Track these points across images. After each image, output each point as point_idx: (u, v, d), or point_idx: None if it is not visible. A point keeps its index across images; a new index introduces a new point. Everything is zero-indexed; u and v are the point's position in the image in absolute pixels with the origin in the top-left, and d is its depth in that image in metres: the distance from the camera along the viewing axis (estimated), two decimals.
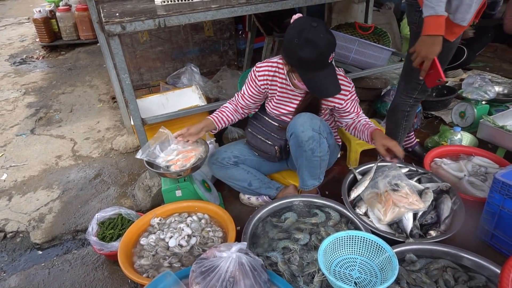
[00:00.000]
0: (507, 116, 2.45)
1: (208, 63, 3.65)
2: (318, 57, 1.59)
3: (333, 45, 1.62)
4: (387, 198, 1.74)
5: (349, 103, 1.89)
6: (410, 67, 1.88)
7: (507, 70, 3.79)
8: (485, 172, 2.09)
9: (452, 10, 1.61)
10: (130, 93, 2.03)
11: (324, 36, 1.56)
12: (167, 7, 2.10)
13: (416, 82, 1.91)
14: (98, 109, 3.63)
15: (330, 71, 1.66)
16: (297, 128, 1.77)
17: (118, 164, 2.70)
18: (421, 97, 1.99)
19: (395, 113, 2.06)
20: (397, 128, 2.08)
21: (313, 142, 1.76)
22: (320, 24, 1.58)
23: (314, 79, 1.67)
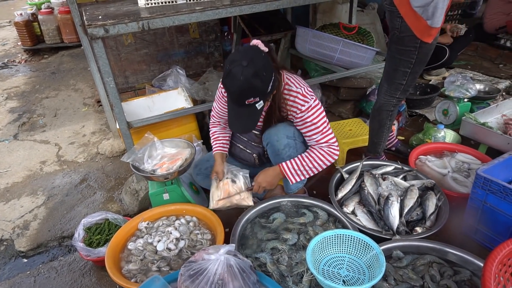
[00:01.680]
0: (488, 113, 2.51)
1: (194, 65, 3.63)
2: (233, 93, 1.55)
3: (254, 91, 1.51)
4: (224, 187, 1.83)
5: (303, 125, 1.74)
6: (392, 69, 1.94)
7: (488, 68, 3.88)
8: (468, 168, 2.14)
9: (429, 16, 1.69)
10: (115, 96, 2.01)
11: (244, 80, 1.47)
12: (151, 9, 2.09)
13: (398, 83, 1.95)
14: (83, 113, 3.58)
15: (244, 111, 1.59)
16: (271, 138, 1.79)
17: (104, 168, 2.67)
18: (403, 96, 2.03)
19: (380, 113, 2.09)
20: (382, 128, 2.12)
21: (289, 149, 1.78)
22: (251, 65, 1.47)
23: (229, 107, 1.65)
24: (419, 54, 1.83)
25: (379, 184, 1.93)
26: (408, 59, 1.85)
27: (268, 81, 1.55)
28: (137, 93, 3.50)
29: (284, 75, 1.72)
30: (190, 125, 2.52)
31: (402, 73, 1.91)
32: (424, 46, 1.80)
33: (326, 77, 2.67)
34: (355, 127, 2.52)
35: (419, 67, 1.90)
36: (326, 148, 1.74)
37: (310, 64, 3.10)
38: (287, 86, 1.69)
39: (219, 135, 2.01)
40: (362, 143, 2.36)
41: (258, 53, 1.54)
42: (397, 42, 1.84)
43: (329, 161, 1.77)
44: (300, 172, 1.78)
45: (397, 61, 1.90)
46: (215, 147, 1.99)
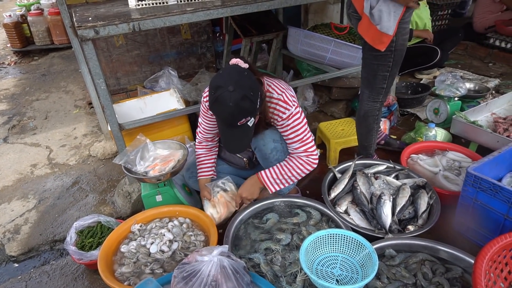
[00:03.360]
0: (478, 111, 2.54)
1: (186, 66, 3.62)
2: (224, 119, 1.56)
3: (244, 113, 1.52)
4: (221, 201, 1.87)
5: (284, 132, 1.74)
6: (371, 76, 1.96)
7: (478, 66, 3.92)
8: (459, 166, 2.16)
9: (376, 21, 1.71)
10: (106, 98, 2.00)
11: (234, 105, 1.47)
12: (142, 10, 2.08)
13: (379, 88, 1.97)
14: (74, 115, 3.55)
15: (237, 132, 1.60)
16: (258, 142, 1.80)
17: (97, 171, 2.65)
18: (385, 99, 2.06)
19: (366, 119, 2.10)
20: (370, 132, 2.13)
21: (277, 153, 1.79)
22: (238, 89, 1.47)
23: (221, 130, 1.66)
24: (395, 57, 1.85)
25: (371, 183, 1.94)
26: (385, 63, 1.87)
27: (256, 98, 1.55)
28: (129, 95, 3.48)
29: (265, 82, 1.71)
30: (183, 126, 2.52)
31: (382, 77, 1.93)
32: (398, 48, 1.82)
33: (318, 77, 2.68)
34: (347, 126, 2.53)
35: (396, 69, 1.94)
36: (305, 158, 1.74)
37: (302, 64, 3.11)
38: (268, 93, 1.69)
39: (204, 158, 1.99)
40: (354, 142, 2.37)
41: (241, 73, 1.54)
42: (371, 48, 1.84)
43: (307, 169, 1.77)
44: (279, 181, 1.79)
45: (375, 66, 1.92)
46: (199, 173, 1.99)
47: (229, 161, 2.13)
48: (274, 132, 1.81)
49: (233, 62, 1.60)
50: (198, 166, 2.01)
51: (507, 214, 1.63)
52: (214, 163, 2.04)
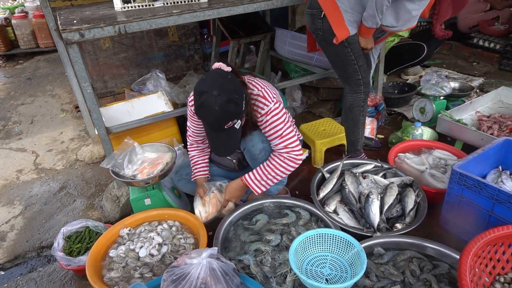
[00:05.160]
0: (463, 110, 2.59)
1: (174, 68, 3.61)
2: (211, 123, 1.57)
3: (230, 115, 1.53)
4: (212, 201, 1.87)
5: (264, 128, 1.74)
6: (342, 71, 2.07)
7: (462, 66, 3.99)
8: (445, 164, 2.20)
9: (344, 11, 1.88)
10: (92, 102, 1.98)
11: (219, 109, 1.48)
12: (128, 13, 2.06)
13: (356, 79, 2.04)
14: (61, 119, 3.51)
15: (224, 135, 1.61)
16: (247, 143, 1.81)
17: (84, 175, 2.62)
18: (368, 89, 2.10)
19: (352, 111, 2.13)
20: (357, 124, 2.17)
21: (266, 153, 1.80)
22: (223, 93, 1.48)
23: (209, 135, 1.67)
24: (353, 50, 1.96)
25: (359, 182, 1.96)
26: (348, 57, 1.97)
27: (241, 101, 1.56)
28: (116, 98, 3.45)
29: (246, 80, 1.72)
30: (171, 129, 2.50)
31: (353, 70, 2.01)
32: (352, 42, 1.93)
33: (306, 78, 2.70)
34: (328, 126, 2.55)
35: (362, 60, 2.02)
36: (286, 155, 1.73)
37: (290, 65, 3.13)
38: (249, 90, 1.70)
39: (197, 159, 1.99)
40: (338, 141, 2.39)
41: (225, 77, 1.55)
42: (326, 45, 1.97)
43: (291, 166, 1.75)
44: (265, 182, 1.79)
45: (340, 62, 2.02)
46: (194, 173, 1.98)
47: (218, 163, 2.13)
48: (262, 133, 1.82)
49: (216, 66, 1.61)
50: (193, 167, 2.00)
51: (492, 210, 1.66)
52: (207, 163, 2.03)
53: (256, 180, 1.80)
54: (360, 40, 1.97)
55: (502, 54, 3.82)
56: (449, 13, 2.30)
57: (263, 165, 1.79)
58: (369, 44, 2.00)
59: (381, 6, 1.77)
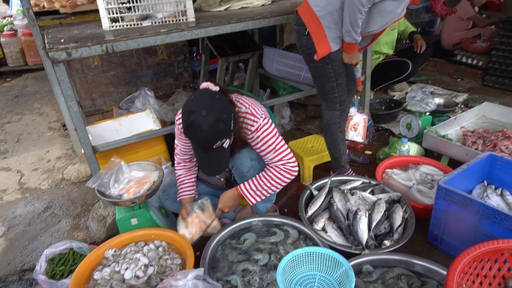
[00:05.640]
0: (448, 125, 2.63)
1: (163, 86, 3.62)
2: (200, 143, 1.58)
3: (219, 135, 1.54)
4: (194, 221, 1.85)
5: (256, 145, 1.74)
6: (321, 87, 2.09)
7: (447, 82, 4.08)
8: (431, 180, 2.22)
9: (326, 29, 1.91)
10: (79, 120, 1.96)
11: (208, 128, 1.49)
12: (116, 32, 2.08)
13: (333, 97, 2.07)
14: (48, 137, 3.47)
15: (213, 155, 1.61)
16: (235, 161, 1.81)
17: (70, 194, 2.58)
18: (344, 107, 2.13)
19: (329, 128, 2.16)
20: (336, 141, 2.19)
21: (254, 171, 1.80)
22: (211, 113, 1.49)
23: (197, 154, 1.67)
24: (333, 67, 1.98)
25: (347, 199, 1.96)
26: (327, 74, 2.00)
27: (230, 120, 1.57)
28: (105, 116, 3.43)
29: (234, 98, 1.73)
30: (159, 147, 2.49)
31: (330, 87, 2.04)
32: (333, 59, 1.95)
33: (294, 95, 2.72)
34: (316, 143, 2.57)
35: (341, 78, 2.04)
36: (282, 166, 1.75)
37: (278, 83, 3.16)
38: (237, 108, 1.71)
39: (184, 178, 1.98)
40: (326, 158, 2.40)
41: (213, 96, 1.56)
42: (309, 60, 2.01)
43: (287, 178, 1.77)
44: (260, 192, 1.79)
45: (320, 78, 2.05)
46: (180, 193, 1.97)
47: (206, 182, 2.13)
48: (251, 150, 1.82)
49: (204, 86, 1.62)
50: (179, 186, 1.99)
51: (478, 225, 1.67)
52: (195, 182, 2.02)
53: (251, 190, 1.79)
54: (343, 56, 1.99)
55: (484, 70, 3.92)
56: None
57: (259, 176, 1.79)
58: (353, 60, 2.00)
59: (355, 21, 1.79)
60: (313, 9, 1.90)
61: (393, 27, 3.61)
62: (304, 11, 1.95)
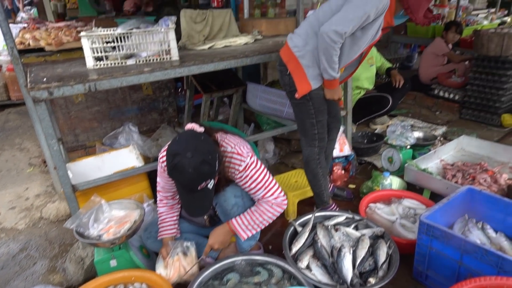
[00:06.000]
0: (428, 159, 2.68)
1: (148, 121, 3.63)
2: (185, 185, 1.57)
3: (204, 177, 1.54)
4: (175, 265, 1.81)
5: (245, 184, 1.75)
6: (301, 123, 2.13)
7: (426, 115, 4.20)
8: (414, 214, 2.23)
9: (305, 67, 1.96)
10: (59, 159, 1.93)
11: (193, 171, 1.49)
12: (100, 70, 2.10)
13: (312, 133, 2.11)
14: (28, 174, 3.39)
15: (198, 196, 1.61)
16: (219, 199, 1.81)
17: (48, 234, 2.49)
18: (323, 144, 2.16)
19: (308, 165, 2.19)
20: (316, 177, 2.21)
21: (238, 208, 1.79)
22: (197, 155, 1.49)
23: (182, 196, 1.67)
24: (314, 104, 2.02)
25: (331, 235, 1.95)
26: (308, 111, 2.04)
27: (215, 161, 1.58)
28: (87, 151, 3.39)
29: (219, 138, 1.75)
30: (141, 184, 2.46)
31: (310, 124, 2.08)
32: (314, 97, 2.00)
33: (277, 130, 2.76)
34: (300, 178, 2.58)
35: (321, 116, 2.08)
36: (274, 200, 1.76)
37: (262, 118, 3.21)
38: (222, 148, 1.72)
39: (166, 216, 1.94)
40: (310, 193, 2.40)
41: (198, 138, 1.57)
42: (291, 97, 2.06)
43: (279, 211, 1.79)
44: (251, 227, 1.78)
45: (300, 115, 2.09)
46: (162, 231, 1.93)
47: (189, 219, 2.09)
48: (235, 187, 1.81)
49: (189, 127, 1.63)
50: (160, 225, 1.95)
51: (461, 261, 1.67)
52: (177, 220, 1.98)
53: (243, 225, 1.78)
54: (325, 92, 2.04)
55: (461, 104, 4.07)
56: (422, 0, 1.95)
57: (251, 211, 1.79)
58: (335, 95, 2.04)
59: (330, 58, 1.84)
60: (292, 50, 1.97)
61: (371, 63, 3.76)
62: (284, 52, 2.02)
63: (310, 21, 1.98)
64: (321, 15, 1.93)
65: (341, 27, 1.76)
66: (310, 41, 1.93)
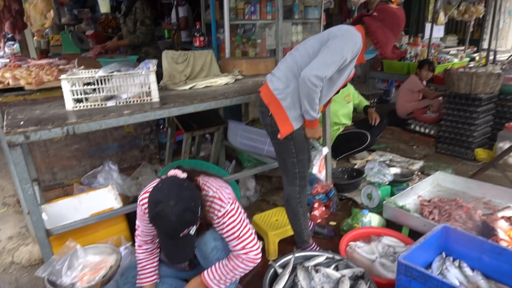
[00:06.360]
0: (406, 195, 2.74)
1: (129, 158, 3.60)
2: (166, 233, 1.55)
3: (187, 224, 1.54)
4: None
5: (221, 230, 1.73)
6: (282, 162, 2.17)
7: (404, 149, 4.32)
8: (393, 252, 2.24)
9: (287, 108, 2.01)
10: (33, 204, 1.89)
11: (176, 219, 1.48)
12: (79, 112, 2.10)
13: (293, 172, 2.15)
14: (1, 214, 3.27)
15: (179, 243, 1.59)
16: (198, 242, 1.79)
17: (19, 281, 2.37)
18: (304, 183, 2.20)
19: (289, 203, 2.21)
20: (297, 216, 2.22)
21: (218, 252, 1.78)
22: (179, 203, 1.49)
23: (163, 242, 1.66)
24: (295, 144, 2.08)
25: (311, 277, 1.93)
26: (289, 150, 2.09)
27: (197, 208, 1.58)
28: (65, 190, 3.32)
29: (200, 181, 1.75)
30: (119, 225, 2.41)
31: (291, 163, 2.12)
32: (296, 136, 2.06)
33: (257, 169, 2.78)
34: (280, 216, 2.59)
35: (302, 155, 2.13)
36: (244, 256, 1.73)
37: (243, 155, 3.23)
38: (204, 192, 1.72)
39: (145, 263, 1.89)
40: (291, 232, 2.40)
41: (181, 185, 1.57)
42: (273, 137, 2.11)
43: (250, 266, 1.75)
44: (223, 281, 1.75)
45: (282, 154, 2.13)
46: (141, 278, 1.87)
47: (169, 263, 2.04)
48: (215, 231, 1.80)
49: (172, 174, 1.63)
50: (139, 271, 1.88)
51: None
52: (157, 266, 1.93)
53: (215, 279, 1.75)
54: (306, 131, 2.11)
55: (436, 138, 4.22)
56: (389, 35, 2.02)
57: (222, 265, 1.75)
58: (316, 134, 2.11)
59: (312, 100, 1.92)
60: (273, 92, 2.03)
61: (348, 100, 3.89)
62: (266, 93, 2.08)
63: (289, 64, 2.06)
64: (299, 59, 2.02)
65: (322, 71, 1.86)
66: (290, 84, 2.00)
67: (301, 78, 1.90)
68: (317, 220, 2.79)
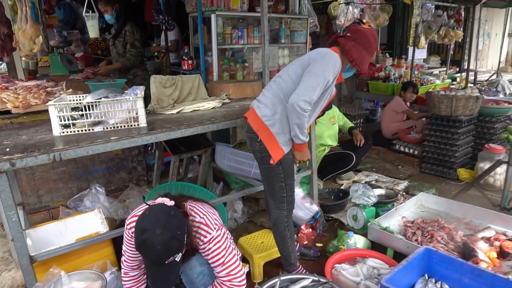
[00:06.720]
0: (390, 216, 2.79)
1: (116, 180, 3.59)
2: (152, 260, 1.57)
3: (172, 252, 1.55)
4: None
5: (206, 256, 1.76)
6: (270, 187, 2.21)
7: (389, 169, 4.40)
8: (378, 274, 2.27)
9: (276, 134, 2.06)
10: (17, 230, 1.89)
11: (162, 247, 1.50)
12: (66, 137, 2.12)
13: (281, 196, 2.19)
14: None
15: (165, 269, 1.60)
16: (184, 267, 1.80)
17: None
18: (291, 207, 2.25)
19: (277, 227, 2.25)
20: (284, 239, 2.25)
21: (204, 277, 1.79)
22: (166, 232, 1.50)
23: (148, 268, 1.68)
24: (283, 169, 2.12)
25: None
26: (277, 175, 2.13)
27: (184, 235, 1.60)
28: (51, 213, 3.29)
29: (188, 206, 1.77)
30: (105, 250, 2.39)
31: (279, 187, 2.16)
32: (284, 161, 2.11)
33: (244, 192, 2.81)
34: (266, 239, 2.60)
35: (290, 179, 2.18)
36: (228, 283, 1.75)
37: (231, 177, 3.26)
38: (190, 217, 1.74)
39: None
40: (276, 254, 2.41)
41: (168, 213, 1.59)
42: (262, 162, 2.16)
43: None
44: None
45: (270, 178, 2.17)
46: None
47: None
48: (201, 256, 1.81)
49: (159, 201, 1.66)
50: None
51: None
52: None
53: None
54: (295, 154, 2.16)
55: (420, 159, 4.31)
56: (364, 53, 2.12)
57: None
58: (304, 157, 2.18)
59: (302, 124, 1.98)
60: (261, 119, 2.08)
61: (333, 121, 3.98)
62: (254, 120, 2.12)
63: (274, 90, 2.12)
64: (283, 85, 2.09)
65: (308, 96, 1.93)
66: (277, 110, 2.07)
67: (289, 104, 1.96)
68: (303, 242, 2.81)
